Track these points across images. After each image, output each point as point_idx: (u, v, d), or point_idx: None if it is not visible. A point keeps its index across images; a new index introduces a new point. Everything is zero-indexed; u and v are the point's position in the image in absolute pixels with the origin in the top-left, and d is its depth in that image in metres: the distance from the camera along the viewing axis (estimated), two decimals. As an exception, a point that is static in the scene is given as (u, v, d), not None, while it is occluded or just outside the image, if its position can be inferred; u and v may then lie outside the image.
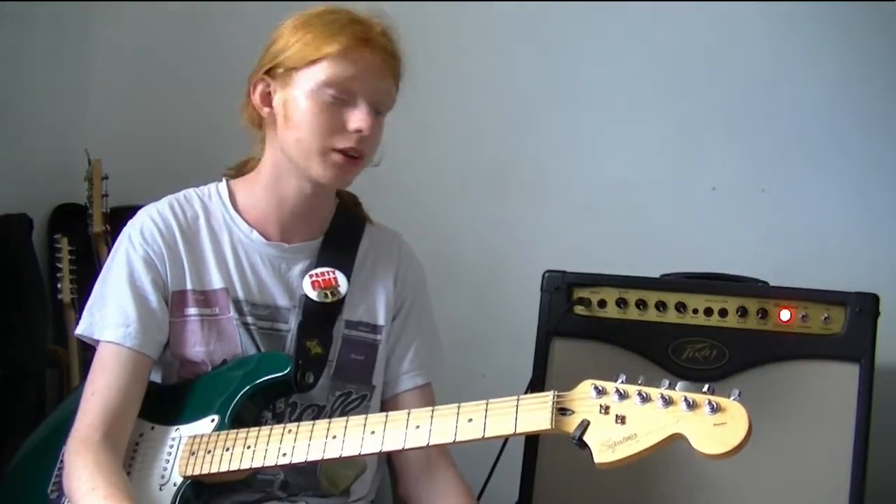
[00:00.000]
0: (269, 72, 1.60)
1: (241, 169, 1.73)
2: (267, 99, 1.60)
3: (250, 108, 1.63)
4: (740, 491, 1.83)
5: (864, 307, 1.82)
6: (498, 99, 2.64)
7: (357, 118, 1.55)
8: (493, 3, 2.61)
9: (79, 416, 1.52)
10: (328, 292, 1.63)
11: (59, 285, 2.44)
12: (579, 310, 1.95)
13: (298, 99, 1.56)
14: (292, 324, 1.63)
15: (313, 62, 1.55)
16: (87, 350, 2.17)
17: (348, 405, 1.66)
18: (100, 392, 1.52)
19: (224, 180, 1.71)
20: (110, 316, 1.57)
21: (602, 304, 1.94)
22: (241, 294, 1.61)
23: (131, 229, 1.62)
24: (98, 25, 2.75)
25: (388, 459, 1.77)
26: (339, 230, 1.70)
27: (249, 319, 1.61)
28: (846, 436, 1.80)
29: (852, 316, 1.83)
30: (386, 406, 1.71)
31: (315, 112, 1.55)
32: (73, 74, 2.73)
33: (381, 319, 1.69)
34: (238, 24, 2.67)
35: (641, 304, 1.92)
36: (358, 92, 1.55)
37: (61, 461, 1.55)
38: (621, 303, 1.93)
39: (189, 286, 1.61)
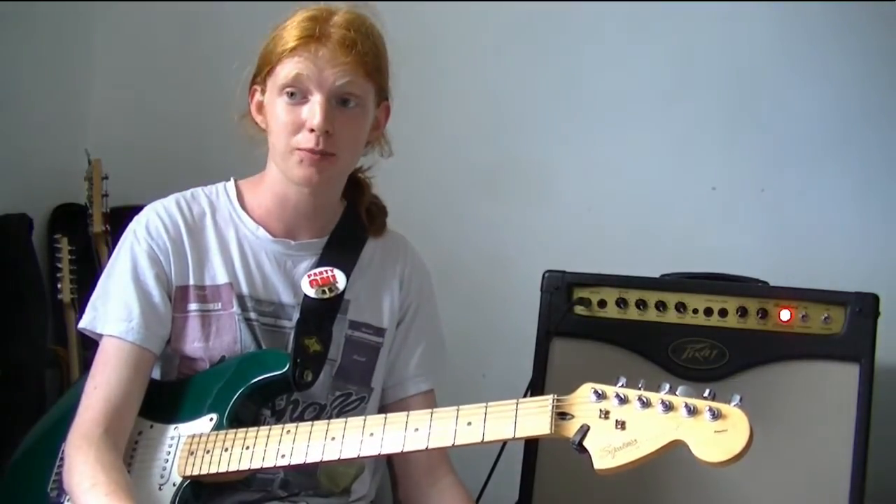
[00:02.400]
0: (260, 79, 1.62)
1: None
2: (260, 106, 1.62)
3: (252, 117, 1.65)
4: (740, 491, 1.82)
5: (864, 307, 1.82)
6: (498, 99, 2.64)
7: (309, 115, 1.54)
8: (493, 2, 2.61)
9: (80, 411, 1.53)
10: (326, 289, 1.63)
11: (59, 285, 2.44)
12: (579, 310, 1.94)
13: (271, 102, 1.58)
14: (295, 321, 1.63)
15: (276, 64, 1.56)
16: (87, 350, 2.17)
17: (347, 406, 1.66)
18: (102, 386, 1.53)
19: (232, 180, 1.71)
20: (113, 310, 1.57)
21: (602, 304, 1.94)
22: (245, 289, 1.61)
23: (137, 225, 1.63)
24: (98, 25, 2.75)
25: (389, 462, 1.77)
26: (345, 231, 1.70)
27: (252, 315, 1.61)
28: (846, 436, 1.79)
29: (852, 316, 1.83)
30: (388, 410, 1.68)
31: (278, 114, 1.56)
32: (73, 74, 2.73)
33: (385, 322, 1.69)
34: (238, 25, 2.67)
35: (641, 304, 1.92)
36: (312, 88, 1.54)
37: (61, 459, 1.55)
38: (621, 303, 1.93)
39: (192, 281, 1.61)
